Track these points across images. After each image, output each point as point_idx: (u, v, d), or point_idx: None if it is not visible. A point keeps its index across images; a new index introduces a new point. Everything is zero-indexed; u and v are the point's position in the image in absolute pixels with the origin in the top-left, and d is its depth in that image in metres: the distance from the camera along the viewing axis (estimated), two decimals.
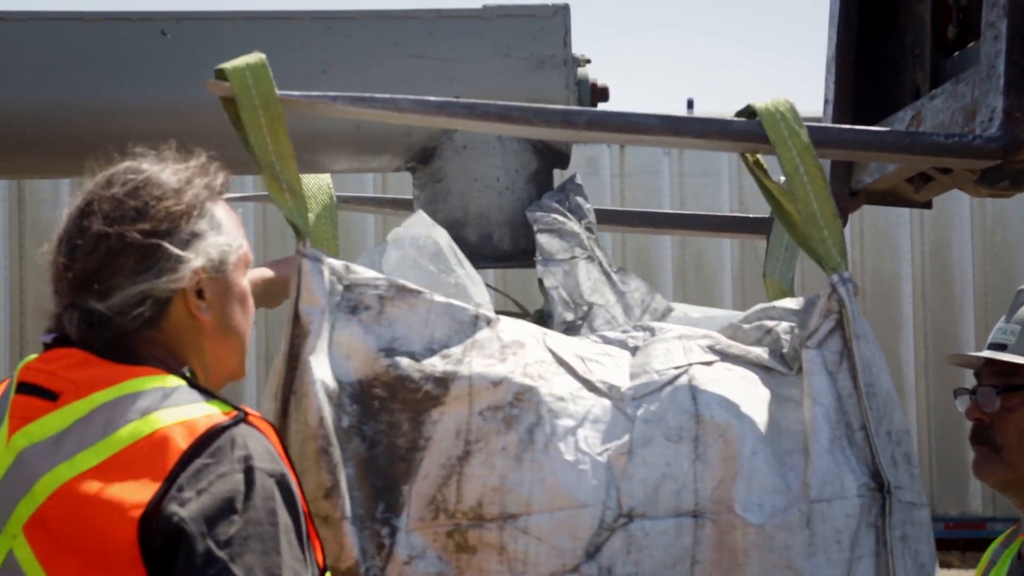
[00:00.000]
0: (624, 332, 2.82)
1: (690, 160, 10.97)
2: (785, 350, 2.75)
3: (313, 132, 3.16)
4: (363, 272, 2.70)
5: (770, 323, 2.78)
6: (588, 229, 3.07)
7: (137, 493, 1.95)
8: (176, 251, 2.10)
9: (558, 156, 3.21)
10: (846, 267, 2.72)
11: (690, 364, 2.68)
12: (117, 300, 2.09)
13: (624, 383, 2.66)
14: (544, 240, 3.03)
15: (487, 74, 3.17)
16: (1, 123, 3.10)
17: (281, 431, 2.64)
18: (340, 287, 2.68)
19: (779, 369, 2.72)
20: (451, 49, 3.16)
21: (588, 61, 3.27)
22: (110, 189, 2.13)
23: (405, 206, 3.70)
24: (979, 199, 9.96)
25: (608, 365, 2.71)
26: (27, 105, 3.11)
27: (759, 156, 2.84)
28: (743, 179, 10.32)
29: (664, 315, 3.04)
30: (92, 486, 1.96)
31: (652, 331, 2.80)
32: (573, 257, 3.01)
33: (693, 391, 2.64)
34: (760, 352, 2.74)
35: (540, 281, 3.02)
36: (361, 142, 3.20)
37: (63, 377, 2.08)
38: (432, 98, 2.75)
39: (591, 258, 3.01)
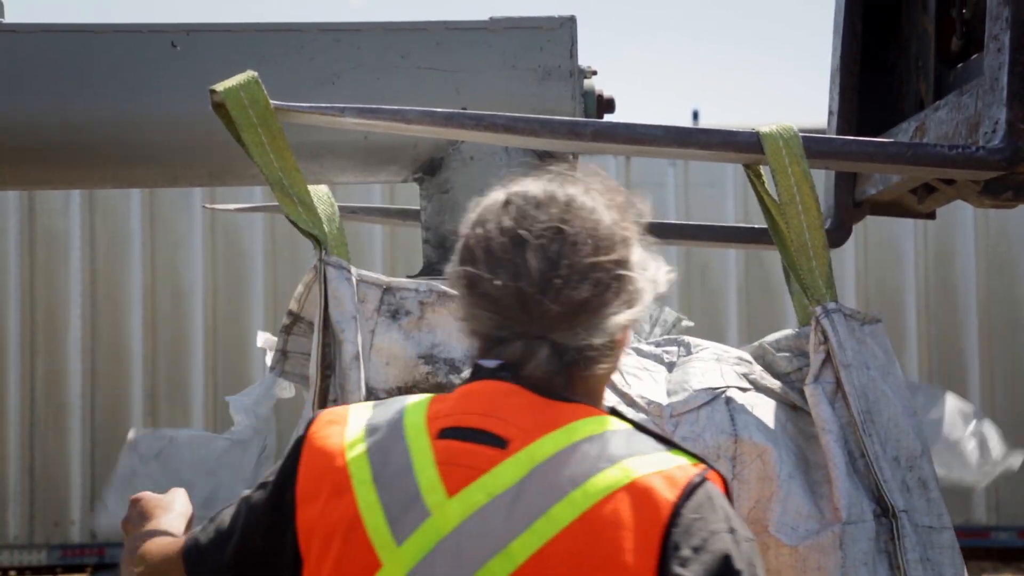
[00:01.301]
0: (659, 346, 2.83)
1: (695, 171, 10.99)
2: None
3: (321, 143, 3.18)
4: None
5: (799, 361, 2.78)
6: None
7: (636, 552, 1.83)
8: (641, 282, 1.98)
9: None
10: (832, 298, 2.73)
11: (727, 386, 2.68)
12: (603, 332, 1.94)
13: (662, 399, 2.67)
14: None
15: (494, 85, 3.18)
16: (14, 133, 3.12)
17: None
18: (378, 291, 2.68)
19: (805, 408, 2.73)
20: (458, 61, 3.18)
21: (594, 72, 3.28)
22: (572, 216, 1.97)
23: (412, 217, 3.72)
24: (982, 210, 9.96)
25: (645, 379, 2.71)
26: (39, 116, 3.13)
27: (761, 169, 2.85)
28: (748, 190, 10.32)
29: (675, 325, 3.04)
30: (577, 544, 1.84)
31: (687, 347, 2.80)
32: None
33: (731, 412, 2.65)
34: (788, 390, 2.75)
35: None
36: (369, 153, 3.21)
37: (509, 421, 1.93)
38: (439, 110, 2.77)
39: None
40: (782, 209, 2.75)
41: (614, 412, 1.97)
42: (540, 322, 1.93)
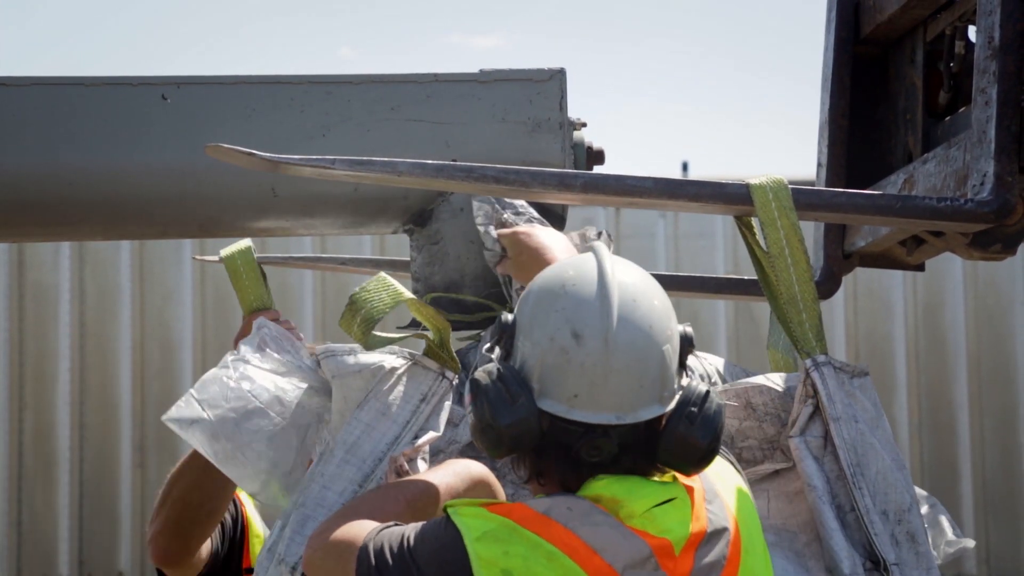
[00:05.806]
0: None
1: (685, 222, 11.00)
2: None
3: (312, 195, 3.18)
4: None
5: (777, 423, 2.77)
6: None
7: None
8: None
9: (554, 218, 3.24)
10: (822, 351, 2.73)
11: None
12: None
13: None
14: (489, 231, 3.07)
15: (484, 138, 3.19)
16: (4, 187, 3.13)
17: None
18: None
19: (784, 466, 2.73)
20: (448, 113, 3.19)
21: (584, 124, 3.29)
22: None
23: (403, 268, 3.72)
24: (971, 262, 9.99)
25: None
26: (30, 169, 3.13)
27: (752, 220, 2.86)
28: (738, 241, 10.35)
29: None
30: None
31: None
32: None
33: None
34: (767, 466, 2.75)
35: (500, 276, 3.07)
36: (359, 205, 3.22)
37: None
38: (430, 162, 2.78)
39: None
40: (771, 261, 2.76)
41: None
42: None
